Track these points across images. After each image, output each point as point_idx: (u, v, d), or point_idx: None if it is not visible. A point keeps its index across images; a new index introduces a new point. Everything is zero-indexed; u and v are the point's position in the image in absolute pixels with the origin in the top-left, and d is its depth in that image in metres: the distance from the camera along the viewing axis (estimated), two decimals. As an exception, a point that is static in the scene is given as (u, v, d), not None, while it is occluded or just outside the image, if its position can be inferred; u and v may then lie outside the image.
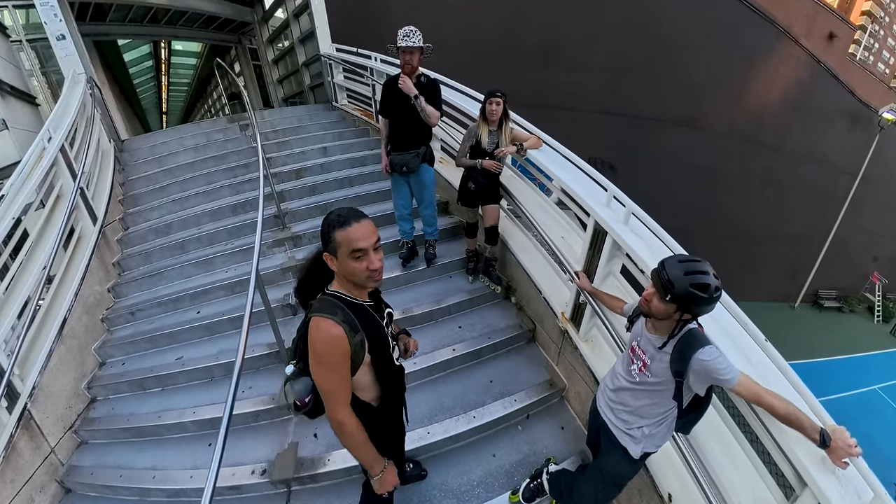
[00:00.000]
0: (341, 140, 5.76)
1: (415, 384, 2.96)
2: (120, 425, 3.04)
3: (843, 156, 17.77)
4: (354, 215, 1.29)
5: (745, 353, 1.74)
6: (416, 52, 2.99)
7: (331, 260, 1.32)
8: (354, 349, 1.32)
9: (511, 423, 2.78)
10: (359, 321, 1.34)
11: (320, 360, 1.31)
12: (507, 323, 3.34)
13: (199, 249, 4.23)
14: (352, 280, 1.34)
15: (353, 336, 1.31)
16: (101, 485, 2.73)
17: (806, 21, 15.26)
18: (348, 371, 1.35)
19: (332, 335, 1.28)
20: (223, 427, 1.68)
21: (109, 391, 3.34)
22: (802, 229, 18.28)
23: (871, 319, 20.46)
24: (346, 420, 1.40)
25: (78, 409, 3.20)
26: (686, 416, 1.67)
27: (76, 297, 3.38)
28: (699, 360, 1.45)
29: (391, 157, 3.30)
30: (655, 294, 1.51)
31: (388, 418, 1.64)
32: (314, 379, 1.38)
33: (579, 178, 2.82)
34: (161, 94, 20.20)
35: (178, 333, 3.51)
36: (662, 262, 1.50)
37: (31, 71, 6.97)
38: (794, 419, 1.39)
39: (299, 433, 2.72)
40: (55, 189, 3.65)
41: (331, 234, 1.29)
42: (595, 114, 12.65)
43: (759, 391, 1.44)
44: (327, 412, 1.42)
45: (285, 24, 8.61)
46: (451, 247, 3.96)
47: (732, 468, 1.88)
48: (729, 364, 1.45)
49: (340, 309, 1.32)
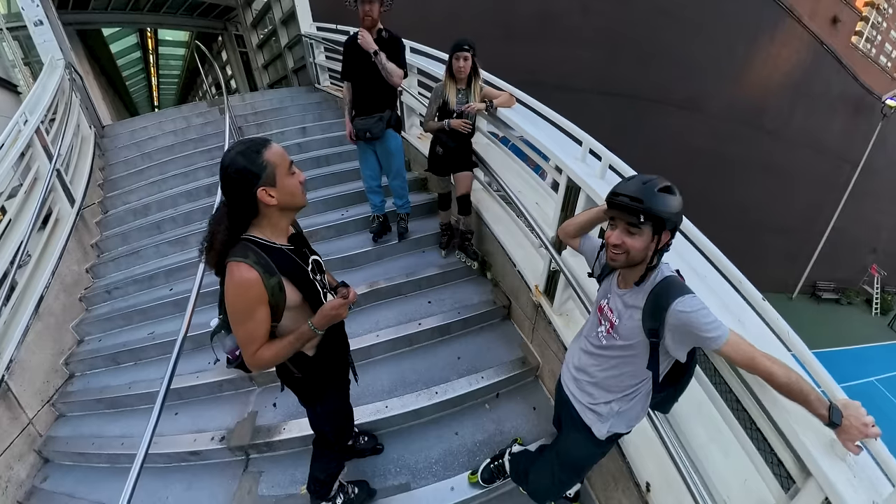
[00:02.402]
0: (321, 120, 5.73)
1: (376, 358, 2.93)
2: (94, 397, 3.13)
3: (845, 144, 17.48)
4: (260, 139, 1.26)
5: (738, 315, 1.48)
6: (375, 3, 2.80)
7: (267, 194, 1.23)
8: (271, 292, 1.26)
9: (478, 402, 2.69)
10: (276, 264, 1.28)
11: (234, 306, 1.27)
12: (481, 299, 3.25)
13: (175, 229, 4.26)
14: (289, 204, 1.30)
15: (268, 279, 1.24)
16: (75, 452, 2.83)
17: (809, 3, 14.88)
18: (266, 317, 1.29)
19: (244, 279, 1.22)
20: (159, 398, 1.76)
21: (86, 366, 3.42)
22: (801, 218, 18.10)
23: (869, 312, 20.45)
24: (264, 354, 1.33)
25: (56, 383, 3.28)
26: (664, 389, 1.41)
27: (53, 276, 3.43)
28: (677, 312, 1.18)
29: (354, 123, 3.15)
30: (623, 230, 1.23)
31: (324, 368, 1.61)
32: (231, 327, 1.32)
33: (554, 136, 2.61)
34: (151, 86, 20.12)
35: (151, 310, 3.56)
36: (613, 191, 1.25)
37: (13, 62, 6.95)
38: (797, 390, 1.12)
39: (259, 403, 2.76)
40: (31, 171, 3.69)
41: (258, 160, 1.20)
42: (590, 94, 12.35)
43: (753, 353, 1.17)
44: (245, 360, 1.36)
45: (267, 6, 8.50)
46: (427, 223, 3.89)
47: (720, 454, 1.66)
48: (715, 318, 1.18)
49: (252, 251, 1.25)
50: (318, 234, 3.83)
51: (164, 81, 20.60)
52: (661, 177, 1.21)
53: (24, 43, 6.98)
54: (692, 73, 13.63)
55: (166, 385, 1.82)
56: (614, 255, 1.27)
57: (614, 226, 1.27)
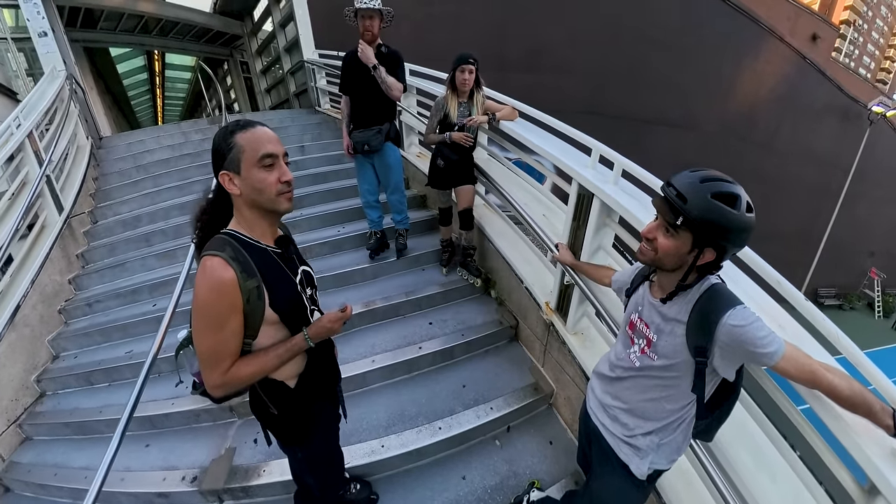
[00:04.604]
0: (320, 140, 5.74)
1: (372, 387, 2.67)
2: (63, 420, 2.88)
3: (835, 151, 17.85)
4: (256, 121, 1.10)
5: (775, 317, 1.32)
6: (375, 17, 2.80)
7: (229, 180, 1.06)
8: (247, 297, 1.05)
9: (487, 437, 2.40)
10: (256, 265, 1.08)
11: (202, 310, 1.04)
12: (486, 319, 3.05)
13: (164, 242, 4.12)
14: (258, 201, 1.09)
15: (245, 280, 1.04)
16: (36, 483, 2.55)
17: (788, 24, 15.65)
18: (239, 329, 1.07)
19: (216, 278, 1.01)
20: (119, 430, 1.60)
21: (58, 385, 3.18)
22: (798, 226, 18.18)
23: (872, 315, 20.31)
24: (241, 372, 1.10)
25: (25, 402, 3.05)
26: (710, 414, 1.21)
27: (32, 285, 3.25)
28: (729, 327, 1.02)
29: (352, 136, 3.11)
30: (661, 225, 1.08)
31: (307, 405, 1.34)
32: (193, 335, 1.10)
33: (560, 146, 2.53)
34: (156, 107, 20.41)
35: (132, 326, 3.35)
36: (669, 178, 1.09)
37: (16, 72, 7.01)
38: (860, 401, 1.00)
39: (239, 437, 2.46)
40: (20, 175, 3.61)
41: (229, 140, 1.04)
42: (583, 115, 12.73)
43: (812, 366, 1.03)
44: (207, 382, 1.11)
45: (272, 35, 8.82)
46: (426, 240, 3.78)
47: (768, 480, 1.45)
48: (770, 330, 1.02)
49: (231, 246, 1.06)
50: (311, 250, 3.70)
51: (169, 102, 20.91)
52: (734, 182, 1.02)
53: (29, 55, 7.07)
54: (682, 94, 14.05)
55: (127, 416, 1.62)
56: (643, 248, 1.14)
57: (657, 217, 1.12)
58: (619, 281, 1.51)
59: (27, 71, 7.06)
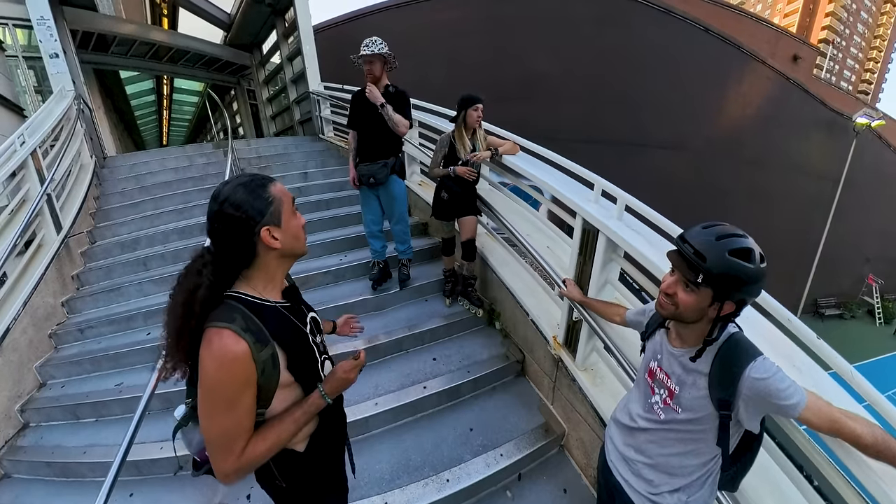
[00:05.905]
0: (323, 167, 5.79)
1: (374, 433, 2.50)
2: (44, 458, 2.68)
3: (824, 163, 18.24)
4: (263, 174, 1.09)
5: (789, 357, 1.32)
6: (377, 61, 2.96)
7: (270, 235, 1.01)
8: (263, 369, 0.96)
9: (498, 488, 2.25)
10: (268, 328, 0.99)
11: (214, 391, 0.94)
12: (491, 353, 2.96)
13: (162, 266, 4.05)
14: (295, 249, 1.07)
15: (259, 351, 0.95)
16: (9, 534, 2.35)
17: (768, 47, 16.23)
18: (253, 405, 0.98)
19: (228, 353, 0.92)
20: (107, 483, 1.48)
21: (43, 417, 3.01)
22: (793, 239, 18.35)
23: (873, 322, 20.18)
24: (257, 450, 0.99)
25: (7, 433, 2.87)
26: (734, 465, 1.19)
27: (24, 307, 3.15)
28: (752, 380, 1.02)
29: (358, 169, 3.20)
30: (679, 281, 1.09)
31: (320, 471, 1.24)
32: (200, 419, 0.98)
33: (563, 180, 2.56)
34: (162, 128, 20.65)
35: (124, 356, 3.21)
36: (682, 234, 1.10)
37: (24, 88, 7.07)
38: (885, 448, 0.98)
39: (231, 492, 2.26)
40: (20, 192, 3.57)
41: (265, 194, 1.00)
42: (576, 143, 13.23)
43: (834, 415, 1.02)
44: (218, 470, 0.99)
45: (279, 67, 9.13)
46: (429, 269, 3.75)
47: None
48: (791, 381, 1.03)
49: (240, 313, 0.97)
50: (313, 279, 3.65)
51: (175, 124, 21.17)
52: (745, 236, 1.04)
53: (39, 73, 7.15)
54: (671, 118, 14.61)
55: (113, 477, 1.50)
56: (663, 301, 1.13)
57: (673, 270, 1.12)
58: (633, 321, 1.52)
59: (36, 88, 7.11)
